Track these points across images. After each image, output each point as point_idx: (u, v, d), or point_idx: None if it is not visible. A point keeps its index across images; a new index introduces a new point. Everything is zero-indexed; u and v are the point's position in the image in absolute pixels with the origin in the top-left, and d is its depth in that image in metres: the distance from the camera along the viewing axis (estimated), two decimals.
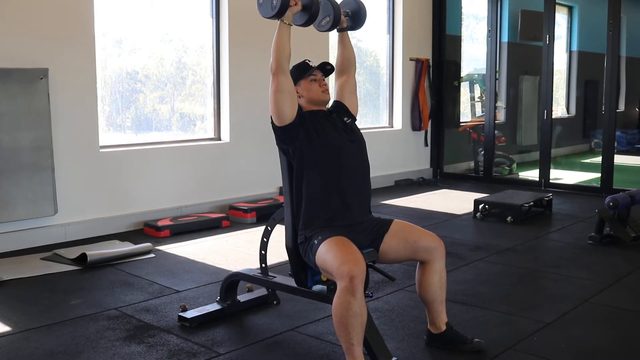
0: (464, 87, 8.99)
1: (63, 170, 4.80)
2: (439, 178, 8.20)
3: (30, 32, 4.60)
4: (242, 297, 3.41)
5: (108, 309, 3.41)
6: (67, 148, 4.84)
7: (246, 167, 6.07)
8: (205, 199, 5.76)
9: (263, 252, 3.19)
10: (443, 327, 2.87)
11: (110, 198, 5.14)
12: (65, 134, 4.81)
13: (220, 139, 6.01)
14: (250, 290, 3.52)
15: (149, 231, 5.07)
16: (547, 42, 7.32)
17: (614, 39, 6.92)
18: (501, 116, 9.15)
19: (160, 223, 5.09)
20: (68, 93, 4.83)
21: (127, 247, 4.53)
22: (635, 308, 3.51)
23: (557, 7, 7.91)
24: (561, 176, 8.09)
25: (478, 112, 8.93)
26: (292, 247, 2.83)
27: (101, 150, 5.12)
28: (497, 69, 8.12)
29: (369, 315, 2.55)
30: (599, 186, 7.07)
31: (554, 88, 7.64)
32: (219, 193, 5.86)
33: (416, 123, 7.99)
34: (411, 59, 7.88)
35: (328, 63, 2.92)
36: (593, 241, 4.86)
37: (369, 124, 7.78)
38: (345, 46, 3.05)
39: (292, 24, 2.73)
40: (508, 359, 2.82)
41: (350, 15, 3.08)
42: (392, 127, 7.93)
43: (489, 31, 7.84)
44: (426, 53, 8.09)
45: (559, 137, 9.47)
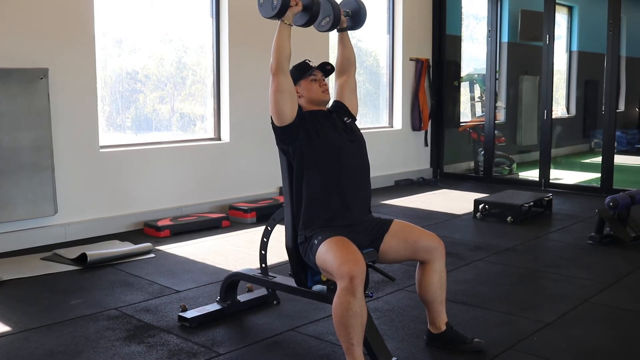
0: (464, 87, 8.99)
1: (63, 170, 4.80)
2: (439, 178, 8.19)
3: (30, 32, 4.60)
4: (242, 297, 3.41)
5: (108, 309, 3.41)
6: (67, 148, 4.84)
7: (246, 167, 6.07)
8: (205, 199, 5.76)
9: (263, 252, 3.19)
10: (443, 327, 2.87)
11: (110, 198, 5.14)
12: (65, 134, 4.82)
13: (220, 139, 6.01)
14: (250, 290, 3.52)
15: (149, 231, 5.07)
16: (547, 42, 7.32)
17: (614, 39, 6.92)
18: (501, 116, 9.15)
19: (160, 223, 5.09)
20: (68, 93, 4.83)
21: (127, 247, 4.53)
22: (635, 308, 3.51)
23: (557, 7, 7.91)
24: (561, 176, 8.08)
25: (478, 112, 8.93)
26: (292, 247, 2.83)
27: (101, 150, 5.12)
28: (497, 69, 8.12)
29: (369, 315, 2.55)
30: (599, 186, 7.07)
31: (554, 88, 7.64)
32: (219, 193, 5.86)
33: (416, 123, 7.99)
34: (411, 59, 7.88)
35: (328, 63, 2.92)
36: (593, 241, 4.86)
37: (369, 124, 7.77)
38: (345, 46, 3.05)
39: (293, 24, 2.73)
40: (508, 359, 2.82)
41: (350, 15, 3.07)
42: (392, 127, 7.93)
43: (489, 31, 7.84)
44: (426, 53, 8.09)
45: (559, 137, 9.47)
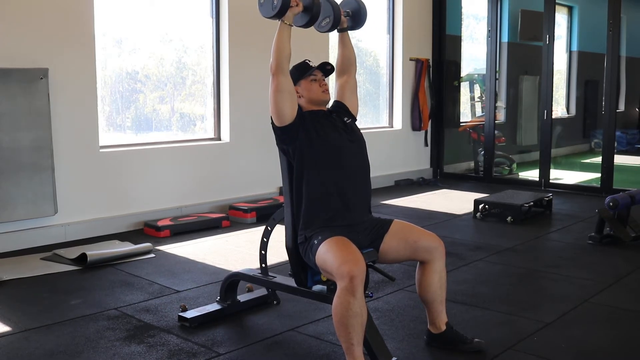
0: (464, 87, 8.99)
1: (63, 170, 4.80)
2: (439, 178, 8.19)
3: (30, 32, 4.60)
4: (242, 297, 3.41)
5: (108, 309, 3.41)
6: (67, 148, 4.84)
7: (246, 167, 6.07)
8: (205, 199, 5.76)
9: (263, 252, 3.19)
10: (443, 327, 2.87)
11: (110, 198, 5.14)
12: (65, 134, 4.82)
13: (220, 139, 6.01)
14: (250, 290, 3.52)
15: (149, 231, 5.07)
16: (547, 42, 7.32)
17: (614, 39, 6.92)
18: (501, 116, 9.15)
19: (160, 223, 5.09)
20: (68, 93, 4.83)
21: (127, 247, 4.53)
22: (635, 308, 3.51)
23: (557, 7, 7.91)
24: (561, 176, 8.08)
25: (478, 112, 8.93)
26: (292, 247, 2.83)
27: (101, 150, 5.12)
28: (497, 69, 8.12)
29: (369, 315, 2.55)
30: (599, 186, 7.07)
31: (554, 88, 7.64)
32: (219, 193, 5.86)
33: (416, 123, 7.99)
34: (411, 59, 7.88)
35: (328, 63, 2.92)
36: (593, 241, 4.86)
37: (369, 124, 7.77)
38: (345, 46, 3.05)
39: (293, 25, 2.73)
40: (508, 359, 2.82)
41: (350, 15, 3.07)
42: (392, 127, 7.92)
43: (489, 31, 7.84)
44: (426, 53, 8.09)
45: (559, 137, 9.47)
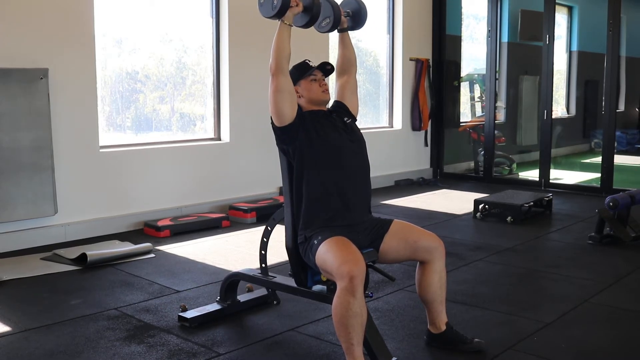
0: (464, 87, 8.99)
1: (63, 170, 4.80)
2: (439, 178, 8.19)
3: (30, 32, 4.60)
4: (242, 297, 3.41)
5: (108, 309, 3.41)
6: (67, 148, 4.84)
7: (246, 167, 6.07)
8: (205, 199, 5.76)
9: (263, 252, 3.19)
10: (443, 327, 2.87)
11: (110, 198, 5.14)
12: (65, 134, 4.82)
13: (220, 139, 6.01)
14: (250, 290, 3.52)
15: (149, 231, 5.07)
16: (547, 42, 7.32)
17: (614, 39, 6.92)
18: (501, 116, 9.15)
19: (160, 223, 5.09)
20: (68, 93, 4.83)
21: (127, 247, 4.53)
22: (635, 308, 3.51)
23: (557, 7, 7.91)
24: (561, 176, 8.08)
25: (478, 112, 8.93)
26: (292, 247, 2.83)
27: (101, 150, 5.12)
28: (497, 69, 8.12)
29: (369, 315, 2.55)
30: (599, 186, 7.07)
31: (554, 88, 7.64)
32: (219, 193, 5.86)
33: (416, 123, 7.98)
34: (411, 59, 7.88)
35: (328, 63, 2.92)
36: (593, 241, 4.86)
37: (369, 124, 7.77)
38: (345, 46, 3.05)
39: (293, 25, 2.73)
40: (508, 359, 2.82)
41: (350, 15, 3.07)
42: (392, 127, 7.92)
43: (489, 31, 7.84)
44: (426, 53, 8.09)
45: (559, 137, 9.47)
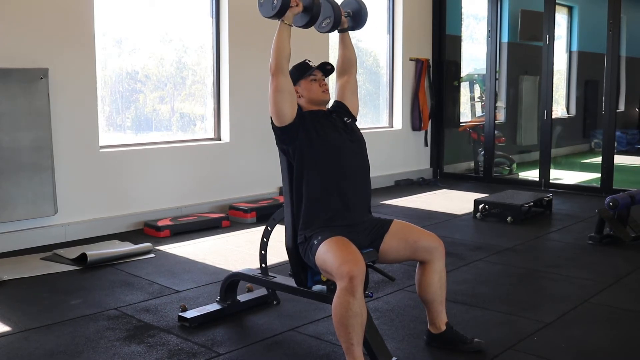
0: (464, 87, 8.99)
1: (63, 170, 4.80)
2: (439, 178, 8.19)
3: (30, 32, 4.60)
4: (242, 297, 3.41)
5: (108, 309, 3.41)
6: (67, 148, 4.84)
7: (246, 167, 6.07)
8: (205, 199, 5.76)
9: (263, 252, 3.19)
10: (443, 327, 2.87)
11: (110, 198, 5.14)
12: (65, 134, 4.82)
13: (220, 139, 6.01)
14: (250, 290, 3.52)
15: (149, 231, 5.07)
16: (547, 42, 7.31)
17: (614, 39, 6.92)
18: (501, 116, 9.15)
19: (160, 223, 5.09)
20: (68, 93, 4.83)
21: (127, 247, 4.53)
22: (635, 308, 3.51)
23: (557, 7, 7.91)
24: (561, 176, 8.08)
25: (478, 112, 8.93)
26: (292, 247, 2.83)
27: (101, 150, 5.12)
28: (497, 69, 8.12)
29: (369, 315, 2.55)
30: (599, 186, 7.07)
31: (554, 88, 7.64)
32: (219, 193, 5.86)
33: (416, 123, 7.98)
34: (411, 59, 7.88)
35: (328, 63, 2.92)
36: (593, 241, 4.86)
37: (369, 124, 7.77)
38: (346, 46, 3.05)
39: (293, 25, 2.73)
40: (508, 359, 2.82)
41: (351, 15, 3.06)
42: (392, 127, 7.92)
43: (489, 31, 7.84)
44: (426, 53, 8.09)
45: (559, 137, 9.47)
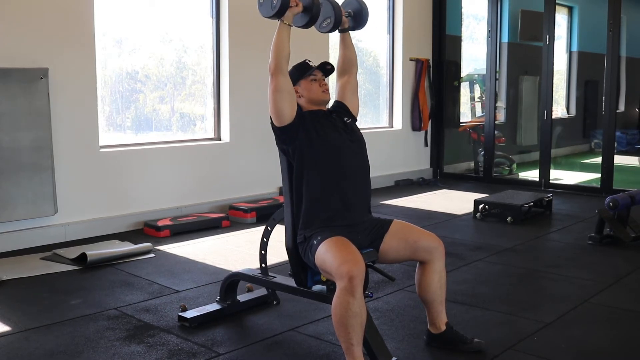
0: (464, 87, 8.99)
1: (63, 170, 4.80)
2: (439, 178, 8.19)
3: (30, 32, 4.60)
4: (242, 297, 3.41)
5: (108, 309, 3.41)
6: (67, 148, 4.84)
7: (246, 167, 6.07)
8: (205, 199, 5.76)
9: (263, 252, 3.19)
10: (443, 327, 2.87)
11: (110, 198, 5.14)
12: (65, 134, 4.82)
13: (220, 139, 6.01)
14: (250, 290, 3.52)
15: (149, 231, 5.07)
16: (547, 42, 7.32)
17: (614, 39, 6.92)
18: (501, 116, 9.15)
19: (160, 223, 5.09)
20: (68, 93, 4.83)
21: (127, 247, 4.53)
22: (635, 308, 3.51)
23: (557, 7, 7.90)
24: (561, 176, 8.08)
25: (478, 112, 8.93)
26: (292, 247, 2.83)
27: (101, 150, 5.12)
28: (497, 69, 8.12)
29: (369, 315, 2.55)
30: (599, 186, 7.07)
31: (554, 88, 7.63)
32: (219, 193, 5.86)
33: (416, 123, 7.98)
34: (411, 59, 7.88)
35: (328, 63, 2.92)
36: (593, 241, 4.86)
37: (369, 124, 7.77)
38: (346, 46, 3.05)
39: (293, 25, 2.73)
40: (508, 359, 2.82)
41: (352, 15, 3.06)
42: (392, 127, 7.92)
43: (489, 31, 7.84)
44: (426, 53, 8.09)
45: (559, 138, 9.47)
